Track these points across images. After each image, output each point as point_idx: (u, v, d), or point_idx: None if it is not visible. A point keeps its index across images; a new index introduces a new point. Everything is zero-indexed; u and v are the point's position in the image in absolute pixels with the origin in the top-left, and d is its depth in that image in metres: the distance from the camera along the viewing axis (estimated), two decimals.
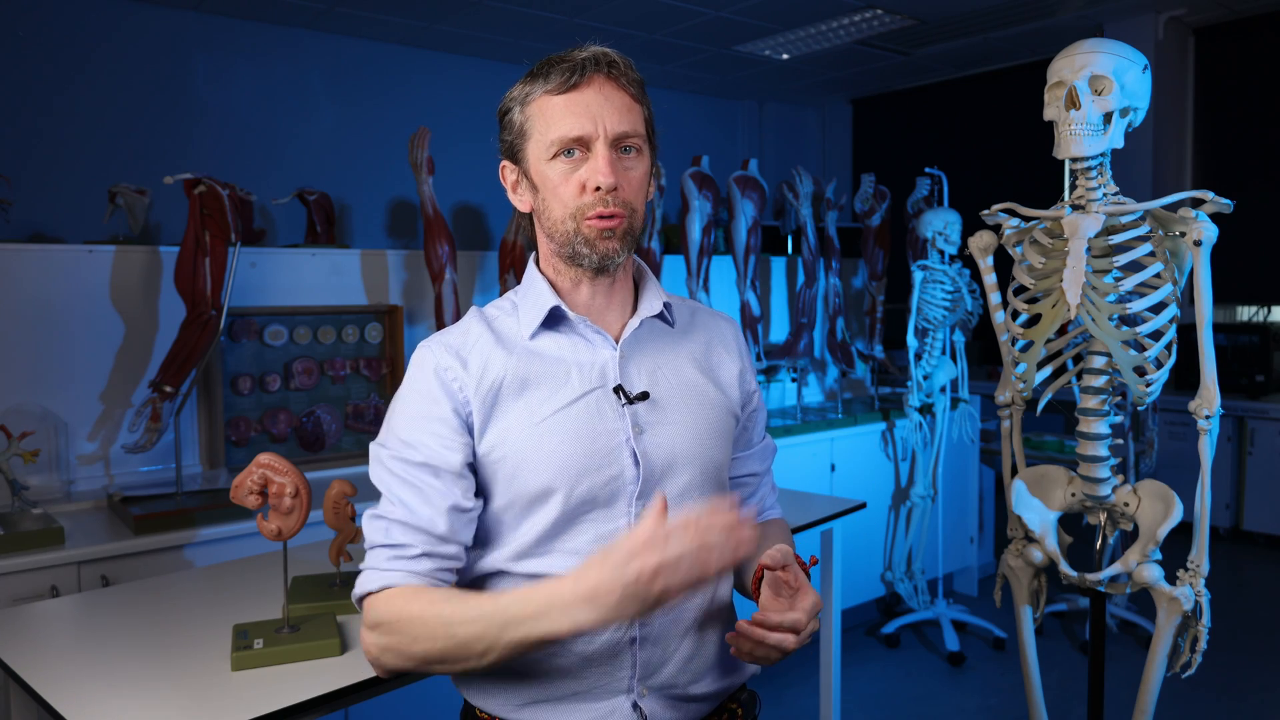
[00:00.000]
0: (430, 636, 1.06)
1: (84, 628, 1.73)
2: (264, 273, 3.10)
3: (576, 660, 1.13)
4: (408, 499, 1.13)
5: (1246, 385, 5.34)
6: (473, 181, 5.31)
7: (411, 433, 1.14)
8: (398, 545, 1.12)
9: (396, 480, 1.14)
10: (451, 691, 1.29)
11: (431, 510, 1.12)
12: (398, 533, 1.13)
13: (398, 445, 1.15)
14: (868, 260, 4.41)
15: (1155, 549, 2.06)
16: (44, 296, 2.73)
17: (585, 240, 1.14)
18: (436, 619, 1.06)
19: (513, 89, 1.17)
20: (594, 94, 1.12)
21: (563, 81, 1.11)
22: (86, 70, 4.82)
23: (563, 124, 1.11)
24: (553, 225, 1.15)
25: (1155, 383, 2.03)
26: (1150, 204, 1.98)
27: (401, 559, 1.12)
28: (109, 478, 2.83)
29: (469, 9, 5.17)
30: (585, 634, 1.08)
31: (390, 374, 3.33)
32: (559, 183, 1.13)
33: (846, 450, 4.00)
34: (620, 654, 1.14)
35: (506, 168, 1.20)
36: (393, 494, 1.14)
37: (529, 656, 1.11)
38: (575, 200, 1.13)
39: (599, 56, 1.13)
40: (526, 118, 1.14)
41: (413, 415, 1.15)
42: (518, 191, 1.20)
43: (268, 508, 1.59)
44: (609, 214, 1.13)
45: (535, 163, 1.15)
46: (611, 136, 1.12)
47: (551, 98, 1.12)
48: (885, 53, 6.24)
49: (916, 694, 3.51)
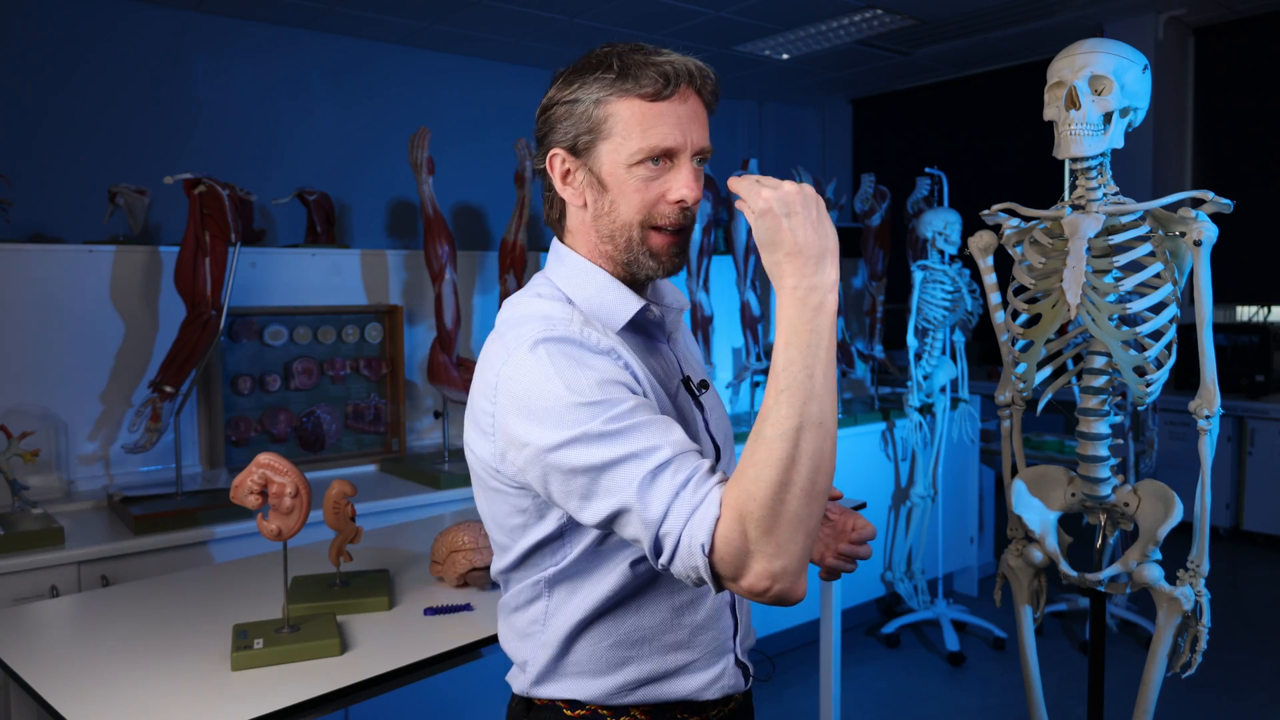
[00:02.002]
0: (767, 460, 0.92)
1: (84, 628, 1.72)
2: (264, 273, 3.10)
3: (687, 632, 1.16)
4: (655, 436, 0.98)
5: (1246, 385, 5.34)
6: (473, 181, 5.32)
7: (603, 393, 1.01)
8: (691, 476, 0.96)
9: (624, 437, 0.97)
10: (452, 692, 1.29)
11: (681, 432, 1.00)
12: (681, 465, 0.97)
13: (594, 412, 0.99)
14: (868, 260, 4.41)
15: (1155, 549, 2.06)
16: (44, 296, 2.73)
17: (651, 253, 1.13)
18: (757, 439, 0.94)
19: (579, 79, 1.12)
20: (682, 105, 1.11)
21: (659, 88, 1.09)
22: (86, 70, 4.82)
23: (656, 132, 1.09)
24: (615, 228, 1.13)
25: (1155, 383, 2.03)
26: (1150, 204, 1.98)
27: (703, 484, 0.96)
28: (109, 478, 2.83)
29: (469, 9, 5.17)
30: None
31: (390, 374, 3.33)
32: (638, 189, 1.11)
33: (846, 450, 4.00)
34: (723, 615, 1.19)
35: (560, 157, 1.14)
36: (637, 448, 0.97)
37: (637, 637, 1.13)
38: (650, 209, 1.12)
39: (691, 70, 1.11)
40: (607, 115, 1.10)
41: (588, 384, 1.01)
42: (570, 184, 1.15)
43: (268, 508, 1.59)
44: (679, 227, 1.13)
45: (611, 164, 1.11)
46: (694, 150, 1.12)
47: (644, 103, 1.09)
48: (885, 53, 6.24)
49: (916, 694, 3.51)
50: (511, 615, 1.21)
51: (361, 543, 2.19)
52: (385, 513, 2.68)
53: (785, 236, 0.97)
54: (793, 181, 0.99)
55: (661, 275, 1.16)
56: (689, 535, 0.94)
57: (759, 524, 0.91)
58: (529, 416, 1.02)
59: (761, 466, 0.92)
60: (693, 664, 1.17)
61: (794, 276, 0.98)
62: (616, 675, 1.15)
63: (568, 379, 1.01)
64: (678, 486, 0.95)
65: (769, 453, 0.92)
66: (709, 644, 1.18)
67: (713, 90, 1.15)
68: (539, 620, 1.17)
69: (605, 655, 1.14)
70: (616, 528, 0.99)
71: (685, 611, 1.15)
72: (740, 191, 1.02)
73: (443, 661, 1.63)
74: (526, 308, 1.15)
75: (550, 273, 1.19)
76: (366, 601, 1.80)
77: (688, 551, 0.94)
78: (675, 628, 1.15)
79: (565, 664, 1.16)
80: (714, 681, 1.18)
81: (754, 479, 0.92)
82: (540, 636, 1.17)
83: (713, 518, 0.93)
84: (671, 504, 0.95)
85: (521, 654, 1.19)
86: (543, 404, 1.01)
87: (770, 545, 0.91)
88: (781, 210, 0.98)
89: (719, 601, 1.18)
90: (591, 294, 1.15)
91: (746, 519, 0.91)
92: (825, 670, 2.63)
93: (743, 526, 0.91)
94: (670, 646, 1.15)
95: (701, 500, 0.94)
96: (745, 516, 0.91)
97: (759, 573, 0.92)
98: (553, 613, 1.15)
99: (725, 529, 0.92)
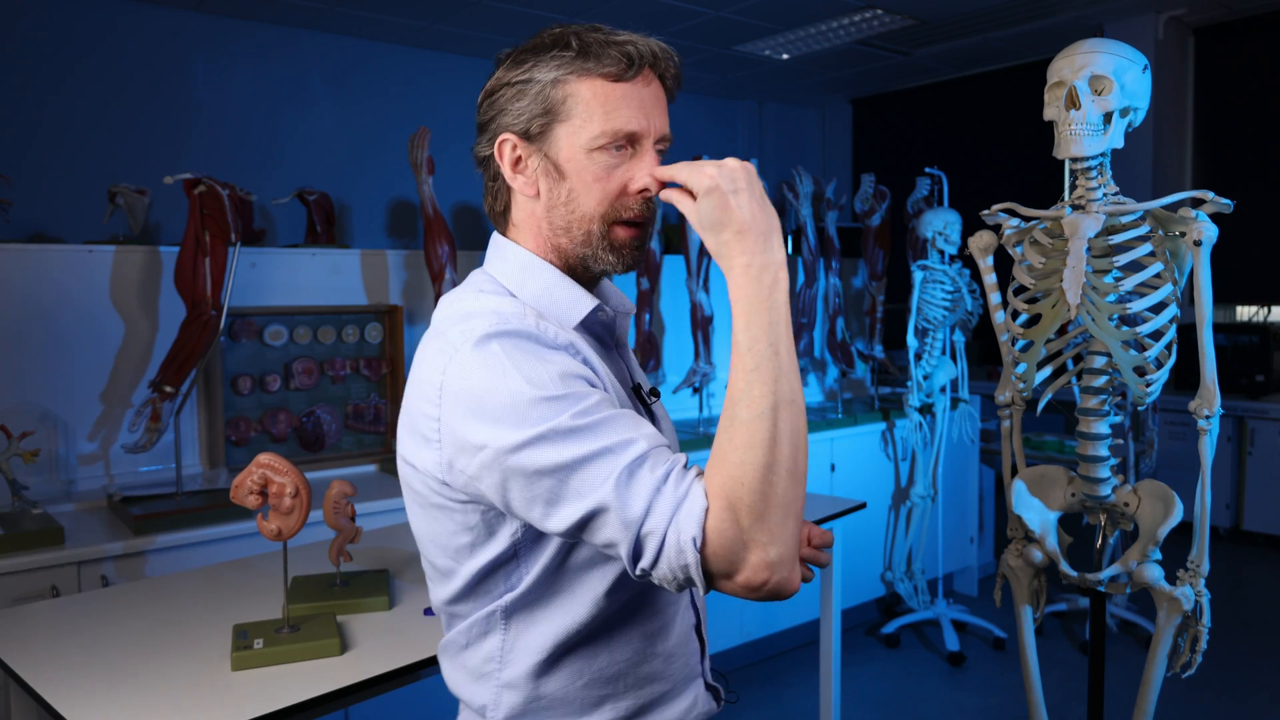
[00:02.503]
0: (749, 443, 0.88)
1: (84, 628, 1.72)
2: (264, 273, 3.10)
3: (660, 661, 1.09)
4: (627, 430, 0.91)
5: (1246, 385, 5.34)
6: (473, 181, 5.22)
7: (567, 387, 0.93)
8: (670, 470, 0.90)
9: (595, 431, 0.90)
10: (451, 692, 1.28)
11: (651, 426, 0.94)
12: (658, 459, 0.91)
13: (560, 406, 0.91)
14: (868, 260, 4.41)
15: (1155, 549, 2.06)
16: (44, 296, 2.73)
17: (611, 247, 1.05)
18: (732, 424, 0.90)
19: (531, 58, 1.03)
20: (645, 88, 1.03)
21: (622, 68, 1.01)
22: (86, 70, 4.82)
23: (620, 115, 1.01)
24: (573, 220, 1.04)
25: (1155, 383, 2.02)
26: (1150, 204, 1.98)
27: (684, 478, 0.90)
28: (109, 478, 2.83)
29: (469, 9, 5.17)
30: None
31: (390, 374, 3.33)
32: (599, 177, 1.02)
33: (846, 450, 4.00)
34: (691, 639, 1.14)
35: (511, 143, 1.04)
36: (609, 442, 0.90)
37: (612, 672, 1.05)
38: (613, 200, 1.04)
39: (655, 51, 1.04)
40: (565, 95, 1.01)
41: (549, 377, 0.93)
42: (521, 172, 1.05)
43: (268, 508, 1.59)
44: (641, 220, 1.05)
45: (569, 148, 1.02)
46: (657, 136, 1.05)
47: (607, 83, 1.01)
48: (885, 53, 6.24)
49: (916, 694, 3.51)
50: (461, 654, 1.08)
51: (361, 543, 2.19)
52: (385, 513, 2.67)
53: (733, 214, 0.93)
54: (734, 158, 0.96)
55: (620, 271, 1.07)
56: (676, 532, 0.87)
57: (750, 510, 0.86)
58: (483, 416, 0.92)
59: (744, 449, 0.88)
60: (666, 695, 1.10)
61: (745, 255, 0.93)
62: (594, 716, 1.06)
63: (527, 373, 0.92)
64: (658, 481, 0.88)
65: (750, 434, 0.88)
66: (680, 671, 1.11)
67: (675, 75, 1.08)
68: (494, 658, 1.05)
69: (580, 695, 1.05)
70: (588, 534, 0.91)
71: (657, 639, 1.08)
72: (679, 175, 0.98)
73: None
74: (470, 304, 1.04)
75: (491, 269, 1.09)
76: (366, 601, 1.80)
77: (675, 550, 0.87)
78: (649, 658, 1.07)
79: (536, 706, 1.05)
80: (690, 709, 1.12)
81: (739, 463, 0.87)
82: (499, 676, 1.05)
83: (701, 509, 0.87)
84: (653, 501, 0.88)
85: (479, 698, 1.07)
86: (500, 401, 0.92)
87: (764, 532, 0.87)
88: (729, 186, 0.94)
89: (685, 625, 1.12)
90: (539, 291, 1.06)
91: (737, 506, 0.86)
92: (825, 670, 2.63)
93: (734, 515, 0.86)
94: (645, 679, 1.08)
95: (685, 494, 0.88)
96: (735, 504, 0.86)
97: (756, 564, 0.87)
98: (510, 647, 1.04)
99: (716, 520, 0.86)
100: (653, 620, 1.08)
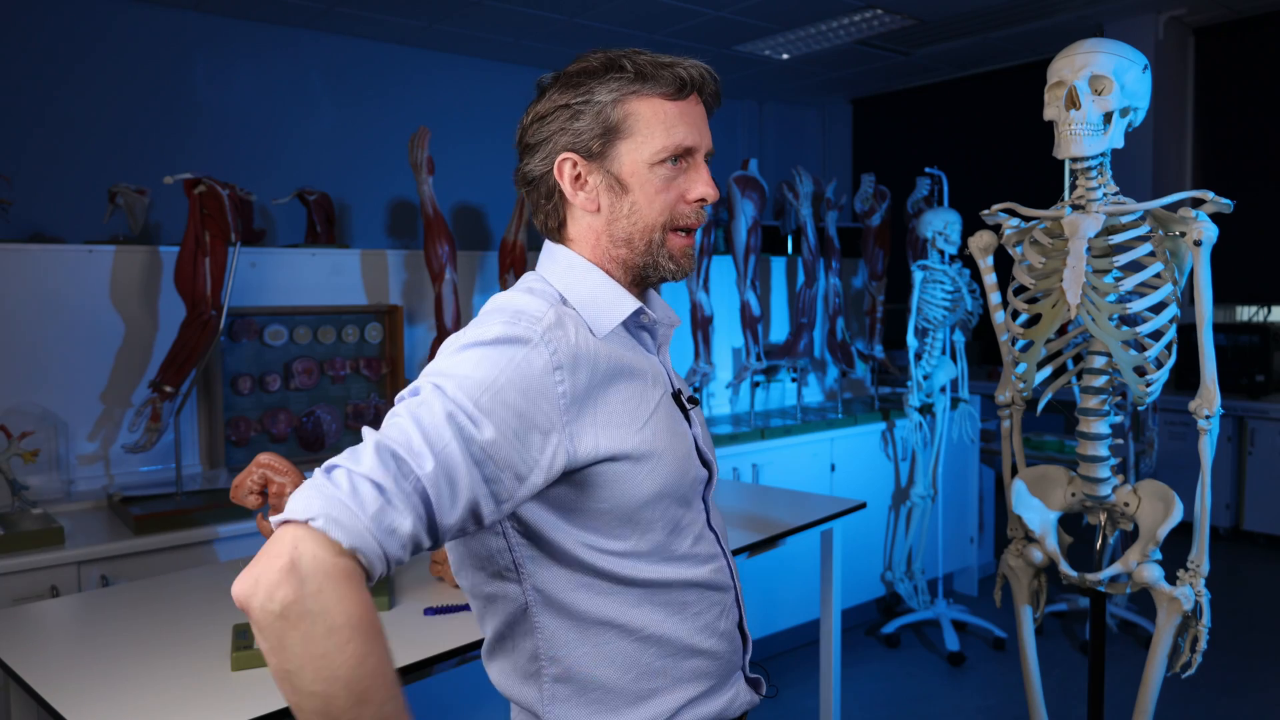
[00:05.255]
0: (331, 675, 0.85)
1: (84, 628, 1.72)
2: (264, 273, 3.10)
3: (708, 660, 1.16)
4: (453, 461, 0.93)
5: (1246, 385, 5.34)
6: (473, 181, 5.32)
7: (491, 408, 0.96)
8: (390, 503, 0.89)
9: (453, 434, 0.94)
10: (452, 692, 1.28)
11: (456, 495, 0.94)
12: (403, 489, 0.90)
13: (467, 405, 0.95)
14: (868, 260, 4.41)
15: (1155, 549, 2.06)
16: (44, 296, 2.73)
17: (670, 255, 1.14)
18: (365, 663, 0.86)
19: (587, 82, 1.10)
20: (695, 106, 1.13)
21: (678, 89, 1.11)
22: (86, 70, 4.82)
23: (679, 131, 1.11)
24: (636, 231, 1.12)
25: (1155, 383, 2.03)
26: (1150, 204, 1.98)
27: (385, 520, 0.88)
28: (109, 478, 2.83)
29: (469, 9, 5.17)
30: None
31: (390, 374, 3.33)
32: (661, 189, 1.11)
33: (846, 450, 4.00)
34: (735, 636, 1.20)
35: (572, 161, 1.11)
36: (428, 441, 0.92)
37: (659, 665, 1.11)
38: (672, 209, 1.12)
39: (704, 75, 1.13)
40: (626, 114, 1.09)
41: (507, 404, 0.97)
42: (582, 189, 1.12)
43: (268, 508, 1.58)
44: (695, 227, 1.14)
45: (632, 163, 1.10)
46: (707, 150, 1.15)
47: (665, 101, 1.10)
48: (885, 53, 6.24)
49: (916, 694, 3.51)
50: (509, 656, 1.14)
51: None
52: None
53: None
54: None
55: (678, 277, 1.15)
56: (312, 501, 0.87)
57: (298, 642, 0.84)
58: (443, 354, 1.02)
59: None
60: (712, 690, 1.17)
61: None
62: (643, 709, 1.11)
63: (489, 370, 0.98)
64: (394, 494, 0.89)
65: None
66: (724, 667, 1.18)
67: (714, 93, 1.16)
68: (539, 656, 1.10)
69: (630, 688, 1.10)
70: (366, 432, 0.95)
71: (710, 638, 1.15)
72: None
73: (443, 661, 1.63)
74: (507, 299, 1.10)
75: (543, 269, 1.16)
76: None
77: (301, 502, 0.87)
78: (697, 653, 1.14)
79: (587, 700, 1.10)
80: (732, 701, 1.19)
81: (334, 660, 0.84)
82: (548, 671, 1.10)
83: (347, 542, 0.85)
84: (379, 497, 0.88)
85: (527, 696, 1.12)
86: (457, 357, 1.00)
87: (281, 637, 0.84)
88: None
89: (730, 623, 1.19)
90: (584, 290, 1.12)
91: (311, 618, 0.84)
92: (825, 670, 2.63)
93: (302, 600, 0.84)
94: (696, 676, 1.15)
95: (360, 524, 0.86)
96: (313, 618, 0.84)
97: (275, 606, 0.84)
98: (549, 643, 1.09)
99: (315, 567, 0.85)
100: (699, 617, 1.15)
